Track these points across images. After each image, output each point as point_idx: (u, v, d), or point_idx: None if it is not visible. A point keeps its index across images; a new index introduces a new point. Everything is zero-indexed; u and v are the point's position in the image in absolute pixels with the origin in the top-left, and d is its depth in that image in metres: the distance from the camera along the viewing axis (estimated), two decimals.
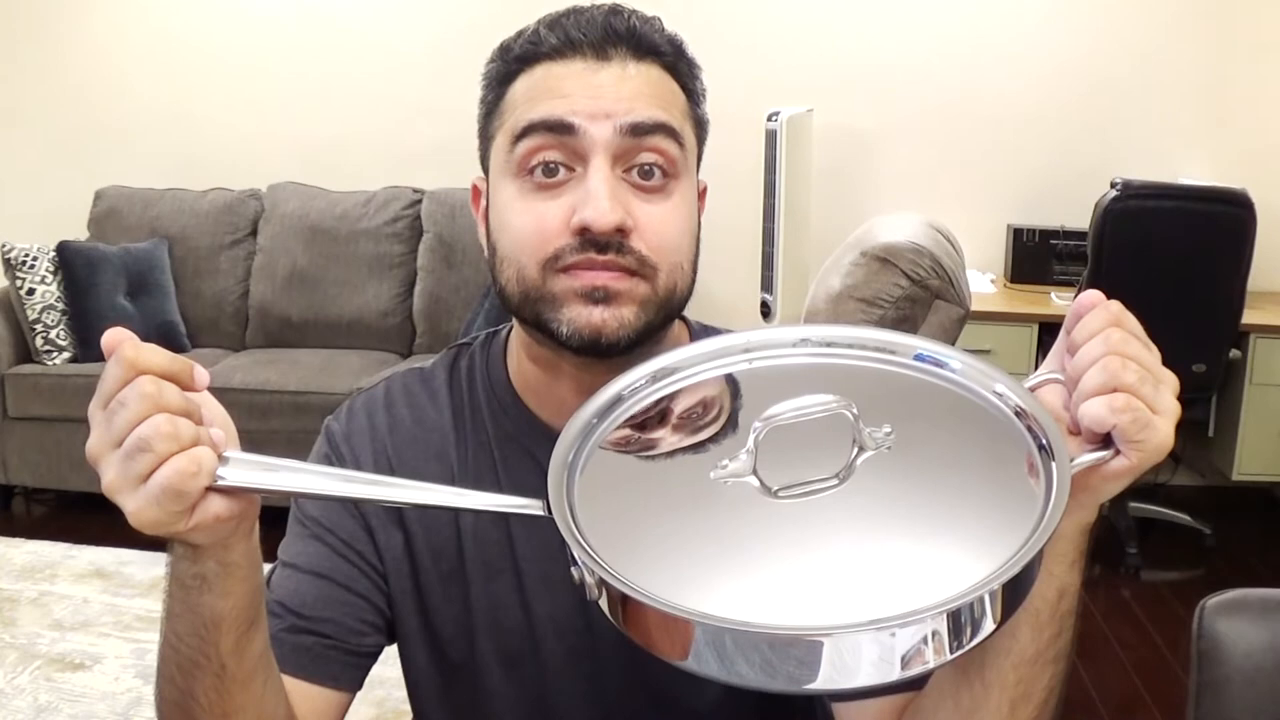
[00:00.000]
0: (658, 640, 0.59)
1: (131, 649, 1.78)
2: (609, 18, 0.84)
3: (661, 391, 0.75)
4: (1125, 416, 0.64)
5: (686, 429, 0.73)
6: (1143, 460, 0.65)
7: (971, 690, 0.77)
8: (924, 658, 0.56)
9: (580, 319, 0.82)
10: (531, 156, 0.82)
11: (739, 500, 0.65)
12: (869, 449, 0.66)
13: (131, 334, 0.64)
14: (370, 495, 0.71)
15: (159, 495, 0.61)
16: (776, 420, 0.66)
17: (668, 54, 0.86)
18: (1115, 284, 2.94)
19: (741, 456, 0.66)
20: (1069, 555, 0.72)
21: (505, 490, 0.92)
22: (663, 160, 0.83)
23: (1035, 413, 0.66)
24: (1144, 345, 0.67)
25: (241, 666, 0.74)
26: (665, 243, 0.83)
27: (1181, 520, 3.50)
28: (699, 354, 0.77)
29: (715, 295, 3.81)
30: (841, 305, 2.09)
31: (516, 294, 0.84)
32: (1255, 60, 3.74)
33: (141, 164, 4.24)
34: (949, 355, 0.73)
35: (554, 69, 0.83)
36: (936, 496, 0.65)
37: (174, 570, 0.70)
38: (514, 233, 0.84)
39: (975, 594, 0.56)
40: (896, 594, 0.58)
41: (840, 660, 0.55)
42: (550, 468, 0.68)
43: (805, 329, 0.77)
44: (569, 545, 0.62)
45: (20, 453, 3.74)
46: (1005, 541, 0.59)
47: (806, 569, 0.61)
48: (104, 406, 0.63)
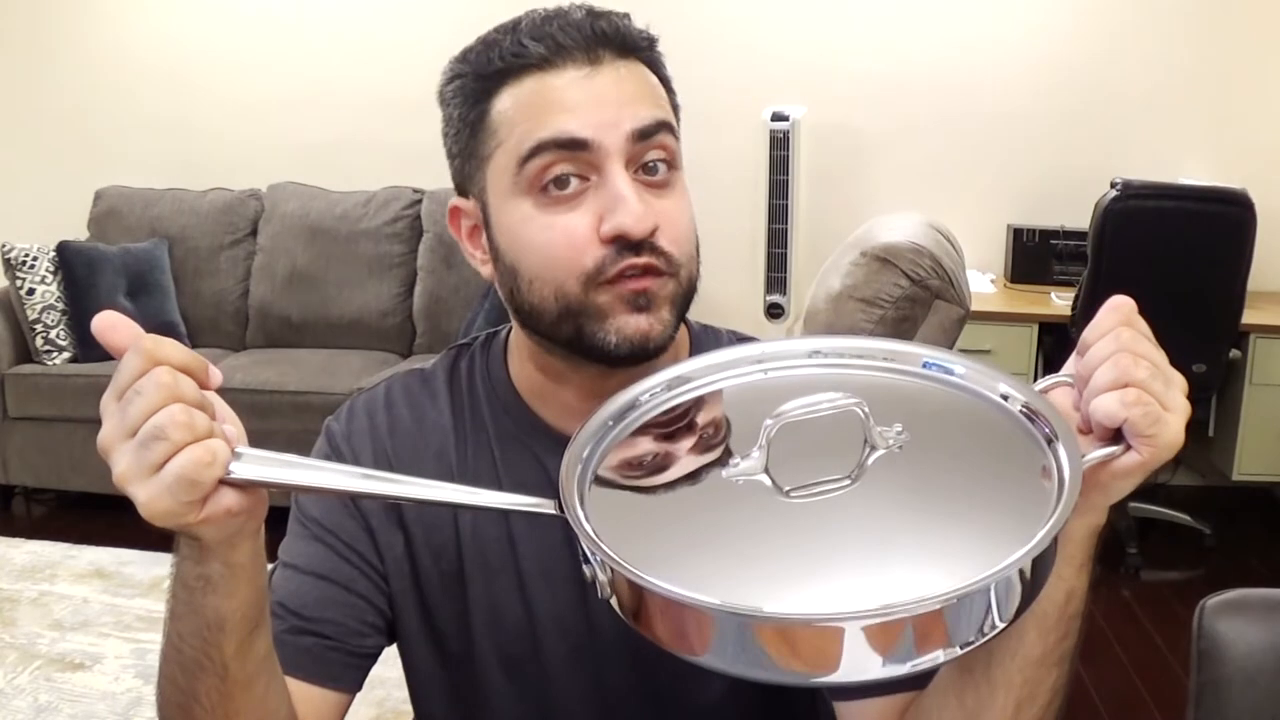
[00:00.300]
0: (673, 635, 0.59)
1: (131, 649, 1.78)
2: (593, 20, 0.82)
3: (677, 399, 0.76)
4: (1137, 410, 0.64)
5: (699, 436, 0.73)
6: (1154, 456, 0.65)
7: (977, 690, 0.77)
8: (937, 648, 0.56)
9: (629, 327, 0.82)
10: (544, 174, 0.81)
11: (751, 500, 0.65)
12: (880, 448, 0.67)
13: (127, 319, 0.64)
14: (383, 491, 0.71)
15: (172, 484, 0.61)
16: (787, 417, 0.66)
17: (646, 48, 0.86)
18: (1115, 284, 2.93)
19: (753, 454, 0.66)
20: (1077, 558, 0.72)
21: (506, 489, 0.92)
22: (666, 155, 0.84)
23: (1044, 410, 0.67)
24: (1153, 345, 0.67)
25: (244, 669, 0.74)
26: (682, 235, 0.84)
27: (1181, 520, 3.50)
28: (713, 364, 0.78)
29: (714, 295, 3.81)
30: (841, 305, 2.09)
31: (554, 310, 0.83)
32: (1255, 60, 3.74)
33: (141, 164, 4.24)
34: (954, 361, 0.74)
35: (547, 80, 0.81)
36: (948, 495, 0.66)
37: (178, 571, 0.70)
38: (542, 250, 0.82)
39: (991, 579, 0.56)
40: (909, 593, 0.58)
41: (857, 650, 0.56)
42: (563, 465, 0.68)
43: (817, 340, 0.78)
44: (581, 542, 0.62)
45: (20, 453, 3.74)
46: (1017, 539, 0.59)
47: (818, 568, 0.61)
48: (119, 398, 0.63)
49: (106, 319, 0.64)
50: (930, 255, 2.08)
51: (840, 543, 0.63)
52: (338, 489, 0.71)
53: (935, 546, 0.62)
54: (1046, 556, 0.60)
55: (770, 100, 3.61)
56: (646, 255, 0.81)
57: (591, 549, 0.62)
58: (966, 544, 0.61)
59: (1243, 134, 3.77)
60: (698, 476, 0.68)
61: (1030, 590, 0.60)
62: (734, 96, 3.82)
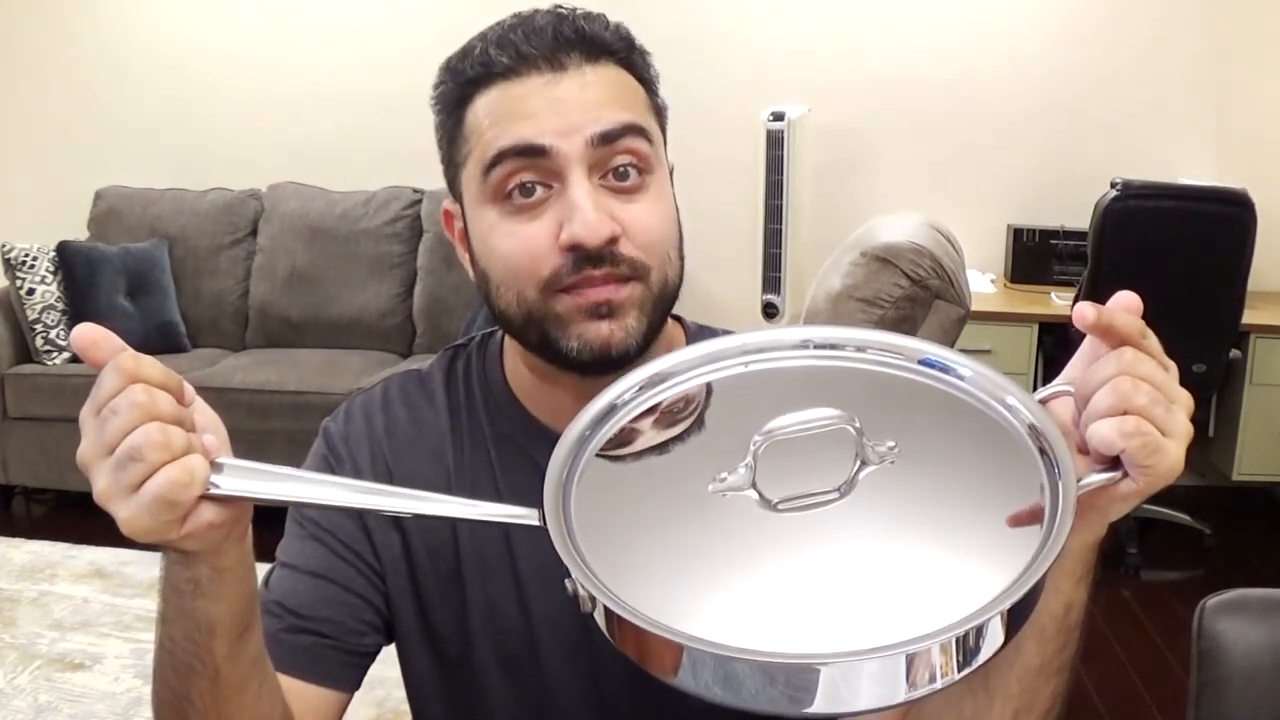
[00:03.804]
0: (650, 659, 0.58)
1: (131, 649, 1.78)
2: (556, 25, 0.82)
3: (656, 399, 0.73)
4: (1135, 441, 0.62)
5: (681, 437, 0.71)
6: (1151, 485, 0.63)
7: (975, 699, 0.77)
8: (924, 683, 0.55)
9: (589, 334, 0.81)
10: (506, 182, 0.81)
11: (737, 513, 0.63)
12: (872, 463, 0.64)
13: (109, 334, 0.63)
14: (363, 504, 0.70)
15: (151, 505, 0.61)
16: (777, 435, 0.64)
17: (620, 50, 0.85)
18: (1115, 284, 2.91)
19: (740, 470, 0.64)
20: (1076, 572, 0.71)
21: (502, 491, 0.92)
22: (636, 160, 0.83)
23: (1045, 429, 0.64)
24: (1158, 365, 0.64)
25: (236, 671, 0.74)
26: (652, 239, 0.83)
27: (1181, 520, 3.50)
28: (693, 358, 0.75)
29: (714, 295, 3.81)
30: (841, 305, 2.09)
31: (519, 317, 0.84)
32: (1255, 60, 3.73)
33: (141, 164, 4.24)
34: (957, 361, 0.71)
35: (511, 89, 0.81)
36: (940, 511, 0.64)
37: (167, 574, 0.70)
38: (503, 259, 0.83)
39: (978, 620, 0.55)
40: (899, 611, 0.57)
41: (838, 686, 0.54)
42: (546, 479, 0.67)
43: (808, 330, 0.75)
44: (563, 560, 0.62)
45: (20, 453, 3.74)
46: (1011, 558, 0.57)
47: (806, 584, 0.60)
48: (96, 413, 0.62)
49: (88, 335, 0.63)
50: (930, 255, 2.08)
51: (827, 559, 0.61)
52: (314, 501, 0.71)
53: (925, 565, 0.61)
54: (1037, 585, 0.58)
55: (771, 100, 3.60)
56: (606, 266, 0.80)
57: (571, 566, 0.61)
58: (957, 563, 0.60)
59: (1243, 134, 3.77)
60: (684, 489, 0.66)
61: (1023, 616, 0.58)
62: (736, 97, 3.82)
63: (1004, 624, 0.57)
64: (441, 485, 0.92)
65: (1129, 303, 0.66)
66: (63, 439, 3.63)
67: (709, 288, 3.83)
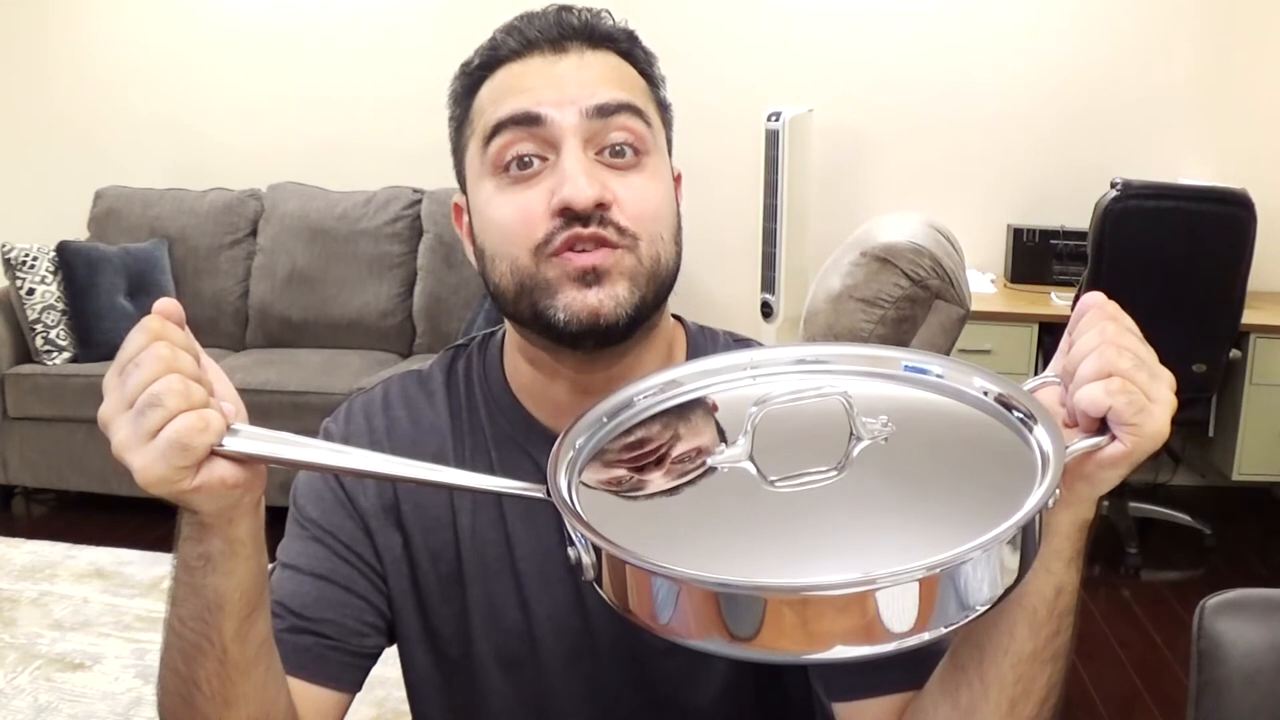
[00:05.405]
0: (654, 613, 0.59)
1: (131, 649, 1.78)
2: (561, 14, 0.86)
3: (669, 402, 0.78)
4: (1121, 398, 0.64)
5: (689, 435, 0.74)
6: (1138, 445, 0.65)
7: (970, 689, 0.77)
8: (917, 624, 0.56)
9: (576, 303, 0.82)
10: (504, 152, 0.84)
11: (736, 489, 0.66)
12: (865, 438, 0.67)
13: (180, 309, 0.67)
14: (373, 469, 0.71)
15: (165, 449, 0.63)
16: (772, 403, 0.67)
17: (622, 41, 0.88)
18: (1115, 284, 2.94)
19: (739, 441, 0.67)
20: (1066, 553, 0.72)
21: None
22: (632, 138, 0.84)
23: (1024, 401, 0.68)
24: (1139, 340, 0.68)
25: (244, 653, 0.75)
26: (644, 212, 0.84)
27: (1181, 520, 3.50)
28: (705, 369, 0.80)
29: (715, 295, 3.81)
30: (841, 305, 2.09)
31: (511, 287, 0.84)
32: (1255, 60, 3.74)
33: (141, 164, 4.24)
34: (931, 362, 0.76)
35: (514, 69, 0.86)
36: (933, 486, 0.66)
37: (180, 553, 0.72)
38: (499, 226, 0.84)
39: (972, 553, 0.57)
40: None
41: (824, 625, 0.56)
42: (553, 451, 0.69)
43: (802, 349, 0.80)
44: (566, 520, 0.63)
45: (20, 453, 3.74)
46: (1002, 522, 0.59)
47: (803, 558, 0.62)
48: (120, 372, 0.65)
49: (165, 307, 0.67)
50: (930, 255, 2.08)
51: (824, 532, 0.63)
52: (330, 465, 0.72)
53: (920, 537, 0.62)
54: (1030, 535, 0.60)
55: (772, 101, 3.60)
56: (594, 226, 0.81)
57: (573, 524, 0.63)
58: (951, 536, 0.61)
59: (1243, 134, 3.77)
60: (683, 465, 0.69)
61: (1023, 561, 0.60)
62: (736, 97, 3.83)
63: (998, 567, 0.58)
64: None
65: (1095, 299, 0.70)
66: (63, 439, 3.63)
67: (709, 287, 3.84)
